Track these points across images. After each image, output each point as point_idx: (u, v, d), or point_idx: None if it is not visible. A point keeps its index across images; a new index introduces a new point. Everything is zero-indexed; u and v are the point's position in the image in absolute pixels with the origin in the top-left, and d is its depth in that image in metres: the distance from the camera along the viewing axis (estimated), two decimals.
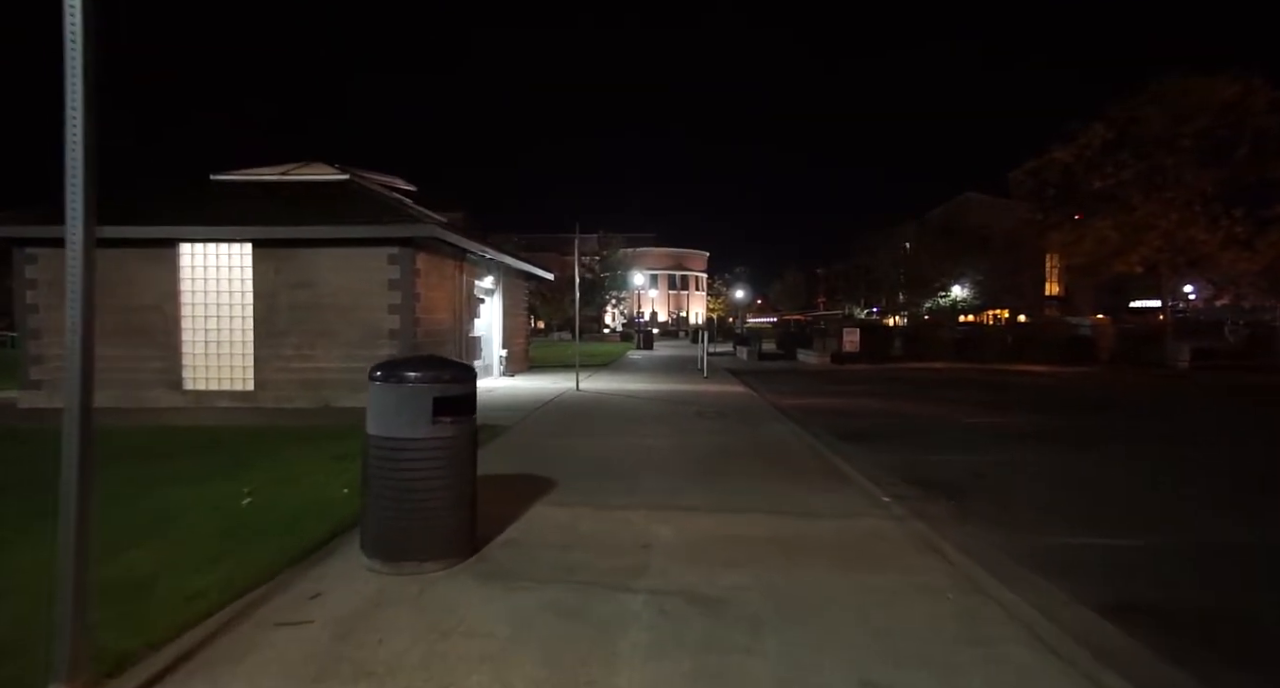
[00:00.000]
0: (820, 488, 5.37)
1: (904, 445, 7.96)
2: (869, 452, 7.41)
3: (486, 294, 15.14)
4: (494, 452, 6.72)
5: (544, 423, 8.84)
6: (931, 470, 6.49)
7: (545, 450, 6.87)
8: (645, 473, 5.81)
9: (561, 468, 5.94)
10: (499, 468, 5.93)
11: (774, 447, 7.20)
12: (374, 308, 10.37)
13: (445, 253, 11.90)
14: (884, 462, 6.81)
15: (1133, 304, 56.63)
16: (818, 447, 7.19)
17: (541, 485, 5.31)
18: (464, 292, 12.81)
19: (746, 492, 5.21)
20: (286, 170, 12.10)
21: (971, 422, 9.93)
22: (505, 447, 7.08)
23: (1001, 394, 13.91)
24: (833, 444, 7.58)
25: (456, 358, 13.13)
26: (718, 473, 5.87)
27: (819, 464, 6.32)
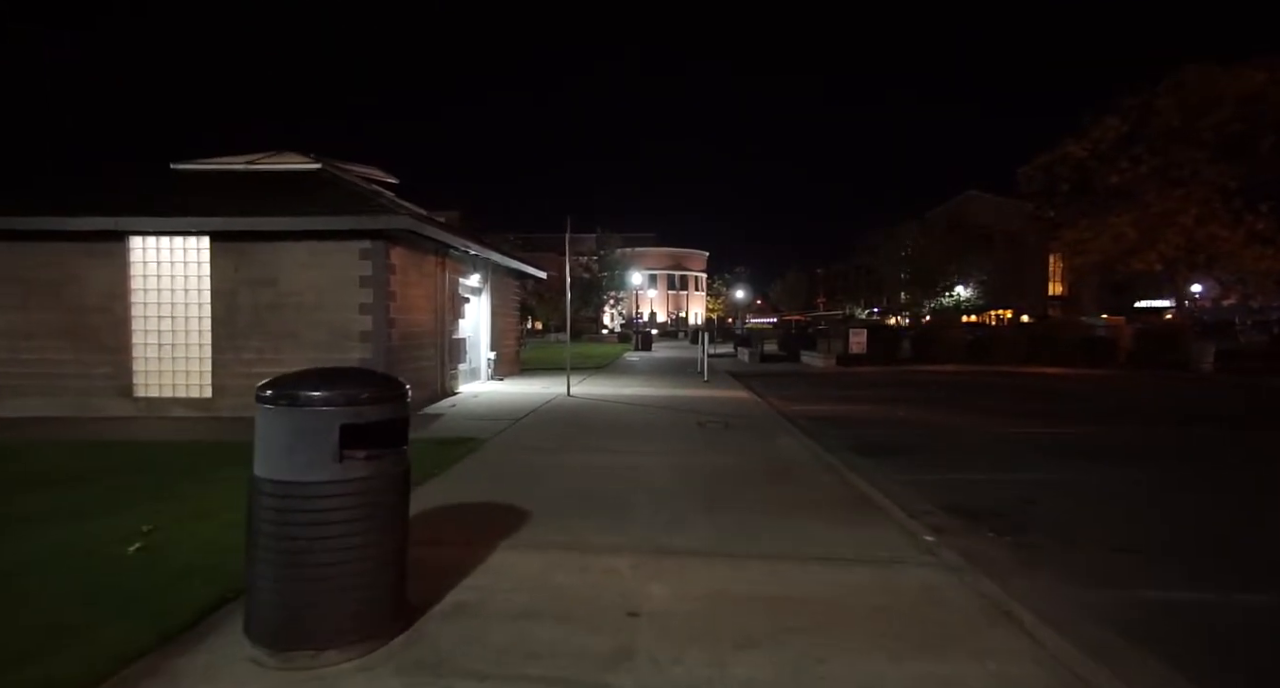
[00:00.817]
0: (847, 521, 4.46)
1: (932, 462, 7.06)
2: (894, 470, 6.51)
3: (473, 293, 14.23)
4: (463, 472, 5.81)
5: (527, 435, 7.94)
6: (972, 495, 5.59)
7: (523, 470, 5.96)
8: (637, 501, 4.90)
9: (539, 494, 5.03)
10: (465, 495, 5.02)
11: (786, 465, 6.30)
12: (344, 307, 9.46)
13: (425, 248, 10.99)
14: (914, 483, 5.91)
15: (1138, 304, 56.00)
16: (835, 465, 6.29)
17: (512, 519, 4.41)
18: (446, 290, 11.90)
19: (759, 528, 4.30)
20: (254, 159, 11.19)
21: (1000, 432, 9.03)
22: (477, 466, 6.16)
23: (1025, 400, 13.00)
24: (851, 461, 6.68)
25: (439, 361, 12.20)
26: (723, 501, 4.96)
27: (841, 488, 5.42)
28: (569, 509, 4.66)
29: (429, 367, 11.19)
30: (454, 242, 11.32)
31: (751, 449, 7.09)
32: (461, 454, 6.54)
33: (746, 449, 7.08)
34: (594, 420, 9.17)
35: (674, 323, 70.94)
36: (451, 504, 4.77)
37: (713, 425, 8.73)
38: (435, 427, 8.47)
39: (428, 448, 6.79)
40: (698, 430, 8.35)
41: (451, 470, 5.84)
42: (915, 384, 15.80)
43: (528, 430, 8.25)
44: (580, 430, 8.29)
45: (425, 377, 11.01)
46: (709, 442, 7.52)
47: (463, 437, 7.47)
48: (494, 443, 7.28)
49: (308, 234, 9.32)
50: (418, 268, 10.79)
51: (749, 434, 8.07)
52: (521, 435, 7.87)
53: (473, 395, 11.87)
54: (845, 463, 6.42)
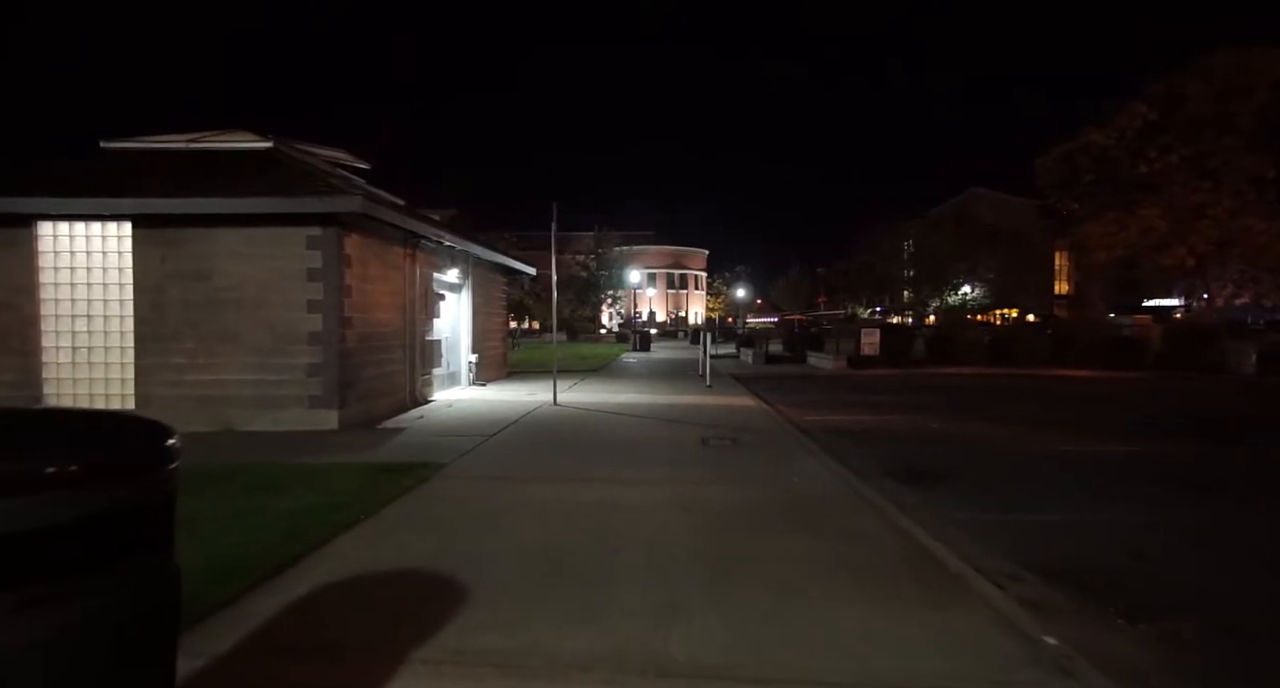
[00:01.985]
0: (916, 599, 3.16)
1: (988, 492, 5.75)
2: (947, 504, 5.20)
3: (451, 289, 12.92)
4: (399, 517, 4.49)
5: (496, 457, 6.62)
6: (1061, 545, 4.29)
7: (479, 513, 4.64)
8: (621, 569, 3.59)
9: (490, 556, 3.72)
10: (389, 555, 3.70)
11: (813, 502, 4.98)
12: (289, 305, 8.15)
13: (389, 237, 9.68)
14: (979, 527, 4.60)
15: (1145, 303, 54.80)
16: (877, 501, 4.98)
17: (441, 604, 3.09)
18: (418, 285, 10.59)
19: (794, 618, 2.99)
20: (197, 138, 9.86)
21: (1053, 449, 7.73)
22: (421, 506, 4.84)
23: (1064, 407, 11.70)
24: (893, 493, 5.37)
25: (408, 365, 10.84)
26: (738, 565, 3.65)
27: (892, 538, 4.11)
28: (525, 585, 3.34)
29: (395, 372, 9.87)
30: (422, 230, 10.00)
31: (767, 476, 5.78)
32: (406, 487, 5.23)
33: (761, 476, 5.77)
34: (580, 437, 7.85)
35: (673, 322, 69.64)
36: (364, 573, 3.46)
37: (718, 442, 7.42)
38: (389, 446, 7.16)
39: (367, 477, 5.49)
40: (701, 449, 7.04)
41: (385, 514, 4.53)
42: (936, 389, 14.49)
43: (498, 451, 6.93)
44: (561, 451, 6.98)
45: (391, 384, 9.70)
46: (715, 466, 6.21)
47: (415, 461, 6.16)
48: (452, 470, 5.96)
49: (246, 219, 8.01)
50: (381, 260, 9.47)
51: (761, 454, 6.76)
52: (489, 458, 6.55)
53: (447, 405, 10.56)
54: (887, 496, 5.12)
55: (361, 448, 7.02)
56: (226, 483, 5.30)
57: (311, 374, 8.16)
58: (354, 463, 6.11)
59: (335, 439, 7.55)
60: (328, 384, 8.17)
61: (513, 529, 4.22)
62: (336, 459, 6.31)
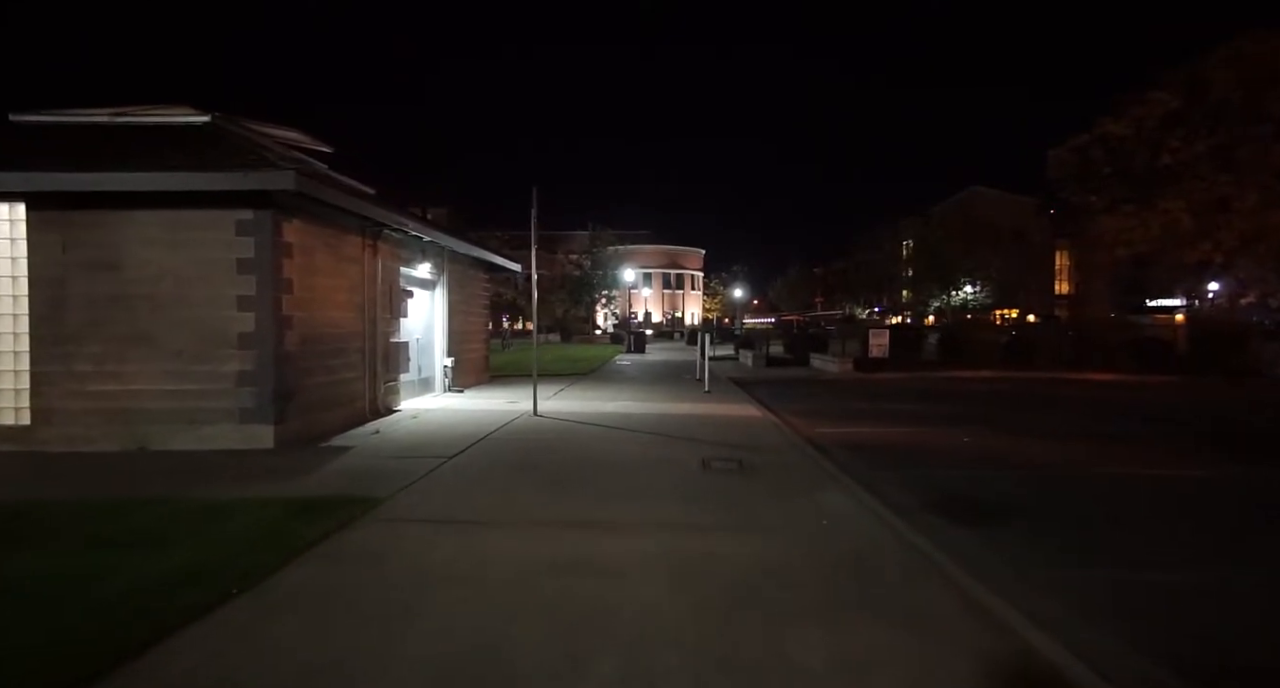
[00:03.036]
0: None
1: (1069, 538, 4.55)
2: (1024, 559, 4.01)
3: (422, 286, 11.68)
4: (287, 592, 3.25)
5: (448, 489, 5.40)
6: (1212, 634, 3.09)
7: (400, 586, 3.41)
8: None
9: (393, 679, 2.49)
10: (235, 676, 2.45)
11: (851, 560, 3.78)
12: (216, 301, 6.92)
13: (344, 225, 8.45)
14: (1080, 596, 3.40)
15: (1148, 303, 53.94)
16: (935, 557, 3.77)
17: None
18: (379, 281, 9.35)
19: None
20: (122, 111, 8.60)
21: (1122, 471, 6.55)
22: (325, 572, 3.61)
23: (1107, 418, 10.51)
24: (951, 541, 4.17)
25: (368, 371, 9.53)
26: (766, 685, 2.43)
27: (971, 624, 2.90)
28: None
29: (350, 379, 8.64)
30: (381, 216, 8.75)
31: (786, 517, 4.57)
32: (320, 536, 4.00)
33: (778, 517, 4.57)
34: (557, 458, 6.62)
35: (669, 323, 68.44)
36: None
37: (721, 465, 6.21)
38: (326, 472, 5.92)
39: (277, 520, 4.27)
40: (700, 476, 5.83)
41: (270, 585, 3.30)
42: (956, 396, 13.31)
43: (454, 479, 5.70)
44: (531, 478, 5.75)
45: (345, 393, 8.46)
46: (719, 500, 5.00)
47: (347, 495, 4.93)
48: (388, 508, 4.73)
49: (164, 201, 6.77)
50: (332, 250, 8.24)
51: (774, 482, 5.55)
52: (440, 489, 5.32)
53: (412, 416, 9.32)
54: (946, 549, 3.91)
55: (291, 474, 5.79)
56: (83, 529, 4.08)
57: (242, 383, 6.92)
58: (271, 497, 4.88)
59: (264, 462, 6.31)
60: (261, 395, 6.93)
61: (441, 616, 2.99)
62: (253, 491, 5.08)
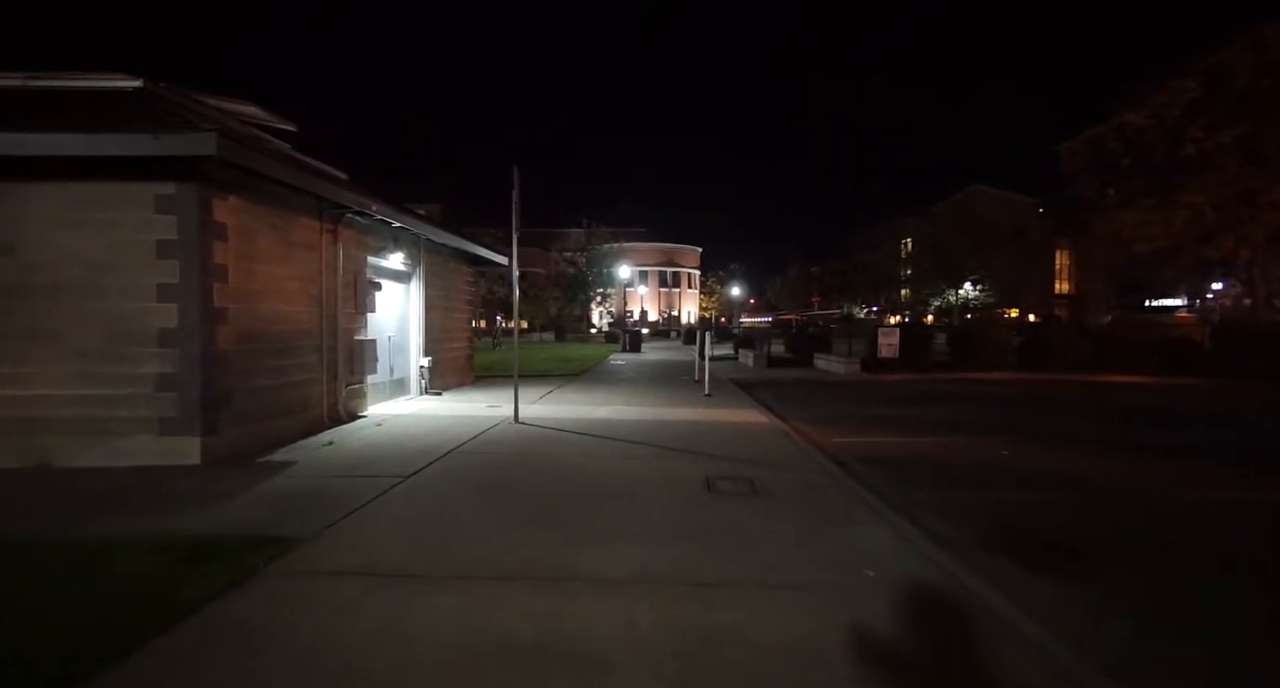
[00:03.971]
0: None
1: (1177, 592, 3.55)
2: (1143, 630, 2.99)
3: (395, 278, 10.61)
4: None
5: (387, 525, 4.36)
6: None
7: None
8: None
9: None
10: None
11: (915, 636, 2.75)
12: (131, 291, 5.87)
13: (296, 205, 7.39)
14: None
15: (1148, 303, 53.30)
16: (1024, 629, 2.75)
17: None
18: (341, 271, 8.30)
19: None
20: (36, 75, 7.51)
21: (1199, 497, 5.56)
22: (187, 663, 2.55)
23: (1153, 426, 9.51)
24: (1040, 605, 3.15)
25: (326, 373, 8.38)
26: None
27: None
28: None
29: (305, 382, 7.59)
30: (339, 197, 7.69)
31: (818, 564, 3.55)
32: (200, 599, 2.96)
33: (807, 565, 3.54)
34: (534, 479, 5.58)
35: (666, 321, 67.43)
36: None
37: (730, 488, 5.19)
38: (251, 497, 4.87)
39: (151, 575, 3.23)
40: (706, 503, 4.80)
41: None
42: (978, 400, 12.31)
43: (402, 510, 4.66)
44: (499, 508, 4.71)
45: (296, 398, 7.41)
46: (731, 541, 3.97)
47: (259, 533, 3.89)
48: (307, 553, 3.68)
49: (68, 171, 5.72)
50: (281, 234, 7.19)
51: (795, 511, 4.53)
52: (380, 526, 4.27)
53: (376, 423, 8.27)
54: (1035, 613, 2.89)
55: (207, 500, 4.74)
56: None
57: (163, 388, 5.87)
58: (167, 535, 3.85)
59: (182, 483, 5.26)
60: (186, 402, 5.88)
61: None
62: (151, 526, 4.05)
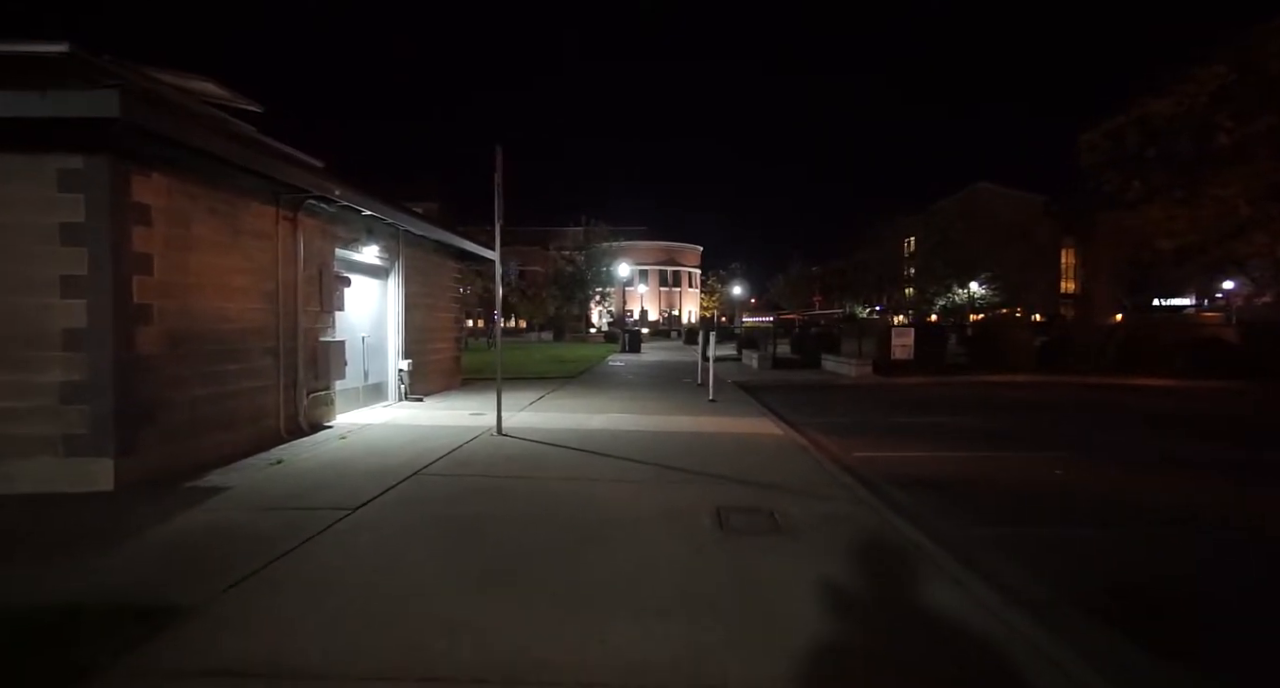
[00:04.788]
0: None
1: None
2: None
3: (371, 274, 9.65)
4: None
5: (304, 595, 3.41)
6: None
7: None
8: None
9: None
10: None
11: None
12: (28, 284, 4.92)
13: (244, 188, 6.44)
14: None
15: (1156, 301, 52.50)
16: None
17: None
18: (301, 264, 7.35)
19: None
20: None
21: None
22: None
23: (1220, 437, 8.55)
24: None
25: (284, 379, 7.23)
26: None
27: None
28: None
29: (257, 390, 6.63)
30: (290, 175, 6.70)
31: (878, 650, 2.59)
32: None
33: (860, 650, 2.59)
34: (505, 514, 4.62)
35: (666, 321, 66.50)
36: None
37: (746, 524, 4.23)
38: (152, 539, 3.91)
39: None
40: (718, 546, 3.84)
41: None
42: (1004, 406, 11.35)
43: (333, 560, 3.70)
44: (457, 560, 3.75)
45: (245, 407, 6.46)
46: (756, 611, 3.01)
47: (134, 604, 2.95)
48: (184, 635, 2.72)
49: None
50: (226, 222, 6.23)
51: (831, 560, 3.58)
52: (296, 590, 3.31)
53: (341, 435, 7.31)
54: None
55: (94, 543, 3.79)
56: None
57: (69, 400, 4.93)
58: (14, 604, 2.90)
59: (76, 518, 4.31)
60: (97, 416, 4.93)
61: None
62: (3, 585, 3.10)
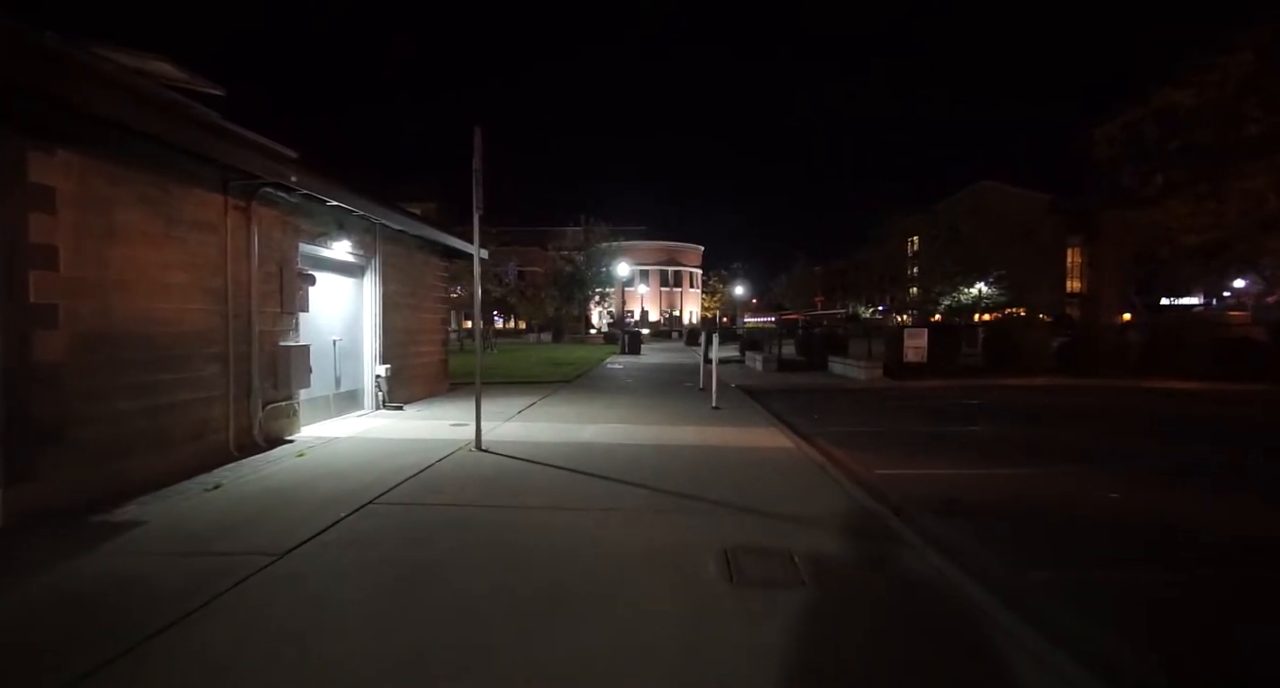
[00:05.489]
0: None
1: None
2: None
3: (343, 271, 8.84)
4: None
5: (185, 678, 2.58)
6: None
7: None
8: None
9: None
10: None
11: None
12: None
13: (183, 171, 5.64)
14: None
15: (1165, 301, 51.76)
16: None
17: None
18: (256, 259, 6.55)
19: None
20: None
21: None
22: None
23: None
24: None
25: (235, 388, 6.14)
26: None
27: None
28: None
29: (199, 401, 5.83)
30: (235, 158, 5.88)
31: None
32: None
33: None
34: (467, 560, 3.80)
35: (667, 322, 65.67)
36: None
37: (760, 572, 3.42)
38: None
39: None
40: (728, 607, 3.02)
41: None
42: (1031, 413, 10.52)
43: (211, 650, 2.89)
44: (389, 633, 2.93)
45: (186, 422, 5.66)
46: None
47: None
48: None
49: None
50: (159, 210, 5.43)
51: (874, 626, 2.76)
52: (152, 685, 2.50)
53: (298, 453, 6.49)
54: None
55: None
56: None
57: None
58: None
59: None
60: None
61: None
62: None
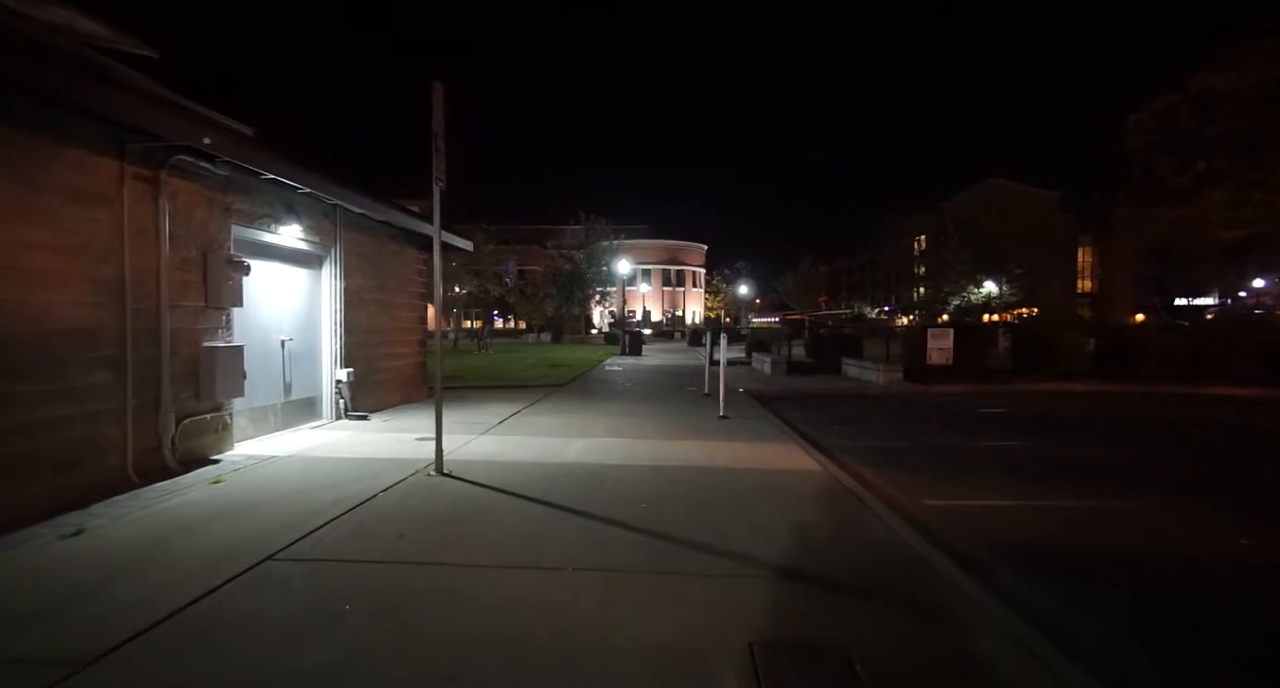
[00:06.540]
0: None
1: None
2: None
3: (295, 261, 7.66)
4: None
5: None
6: None
7: None
8: None
9: None
10: None
11: None
12: None
13: (63, 133, 4.48)
14: None
15: (1179, 301, 50.77)
16: None
17: None
18: (168, 242, 5.38)
19: None
20: None
21: None
22: None
23: None
24: None
25: (132, 396, 4.94)
26: None
27: None
28: None
29: (81, 416, 4.65)
30: (128, 114, 4.69)
31: None
32: None
33: None
34: (370, 669, 2.60)
35: (669, 322, 64.44)
36: None
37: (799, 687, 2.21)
38: None
39: None
40: None
41: None
42: (1081, 425, 9.31)
43: None
44: None
45: (59, 443, 4.48)
46: None
47: None
48: None
49: None
50: (20, 175, 4.25)
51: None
52: None
53: (213, 479, 5.30)
54: None
55: None
56: None
57: None
58: None
59: None
60: None
61: None
62: None
